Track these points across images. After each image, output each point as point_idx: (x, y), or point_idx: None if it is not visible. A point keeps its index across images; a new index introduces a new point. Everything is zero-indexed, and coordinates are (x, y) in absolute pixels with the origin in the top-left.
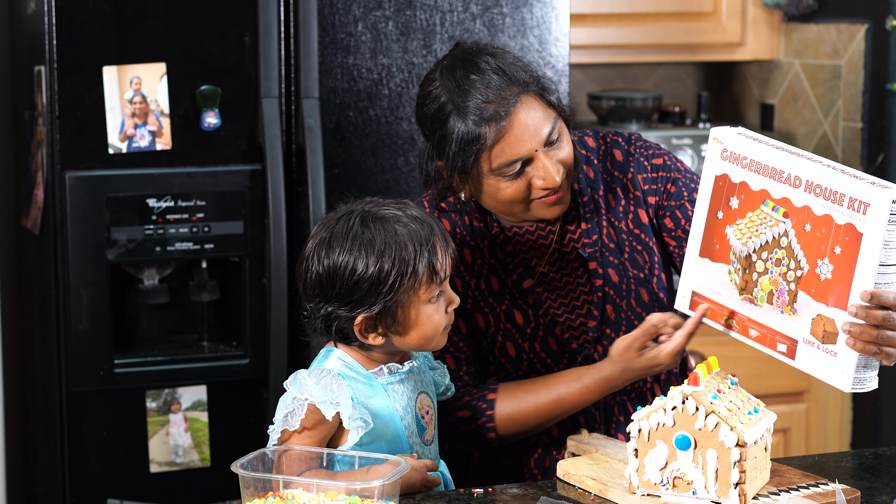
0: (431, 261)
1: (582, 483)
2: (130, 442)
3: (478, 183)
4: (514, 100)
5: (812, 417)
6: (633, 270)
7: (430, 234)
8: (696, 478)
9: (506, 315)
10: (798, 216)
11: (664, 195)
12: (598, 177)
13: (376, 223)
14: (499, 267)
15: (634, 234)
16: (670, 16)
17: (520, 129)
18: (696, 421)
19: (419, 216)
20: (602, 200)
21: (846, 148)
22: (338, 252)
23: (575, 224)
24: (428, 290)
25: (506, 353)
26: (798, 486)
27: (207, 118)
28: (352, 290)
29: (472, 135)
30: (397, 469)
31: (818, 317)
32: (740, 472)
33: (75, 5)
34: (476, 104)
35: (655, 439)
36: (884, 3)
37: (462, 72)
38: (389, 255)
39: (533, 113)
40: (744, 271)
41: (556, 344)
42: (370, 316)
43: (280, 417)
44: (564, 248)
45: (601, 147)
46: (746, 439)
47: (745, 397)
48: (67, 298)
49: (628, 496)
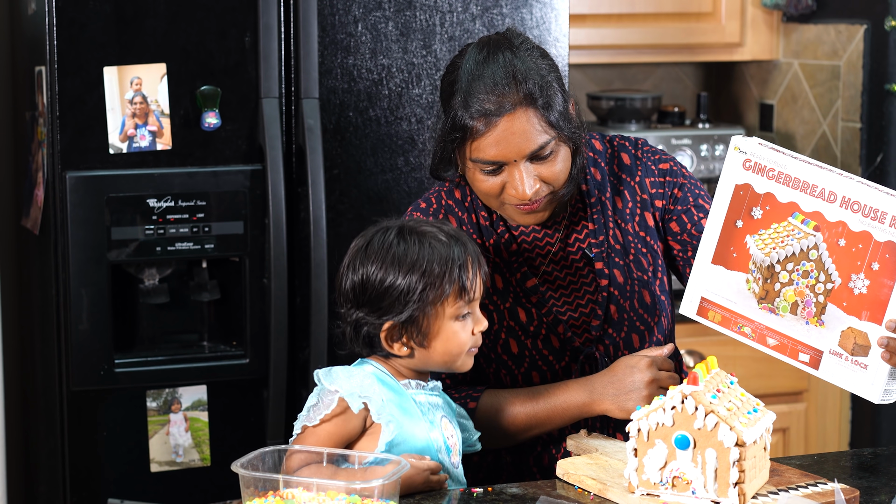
0: (461, 277)
1: (581, 483)
2: (131, 442)
3: (460, 164)
4: (511, 107)
5: (811, 417)
6: (637, 272)
7: (462, 253)
8: (695, 477)
9: (509, 312)
10: (831, 231)
11: (671, 199)
12: (606, 179)
13: (413, 237)
14: (503, 266)
15: (640, 237)
16: (670, 16)
17: (505, 136)
18: (696, 420)
19: (456, 235)
20: (609, 202)
21: (845, 148)
22: (372, 261)
23: (581, 225)
24: (455, 306)
25: (508, 350)
26: (797, 485)
27: (208, 118)
28: (380, 298)
29: (462, 121)
30: (397, 469)
31: (849, 329)
32: (739, 472)
33: (76, 5)
34: (477, 95)
35: (655, 439)
36: (883, 3)
37: (485, 56)
38: (420, 268)
39: (525, 126)
40: (765, 281)
41: (559, 342)
42: (396, 324)
43: (303, 413)
44: (570, 248)
45: (608, 150)
46: (745, 439)
47: (745, 397)
48: (68, 298)
49: (627, 496)
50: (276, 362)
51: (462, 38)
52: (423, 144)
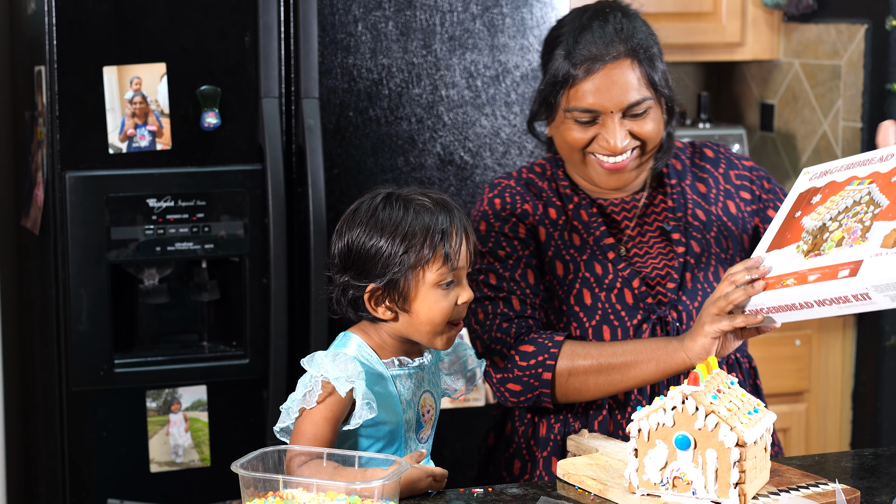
0: (445, 244)
1: (582, 483)
2: (130, 442)
3: (554, 115)
4: (615, 56)
5: (812, 417)
6: (715, 248)
7: (447, 220)
8: (695, 478)
9: (586, 265)
10: (884, 178)
11: (762, 189)
12: (687, 169)
13: (399, 202)
14: (581, 227)
15: (722, 220)
16: (670, 16)
17: (605, 84)
18: (696, 421)
19: (444, 203)
20: (689, 188)
21: (846, 148)
22: (357, 225)
23: (660, 200)
24: (437, 272)
25: (581, 300)
26: (798, 485)
27: (207, 118)
28: (364, 262)
29: (563, 69)
30: (397, 469)
31: (891, 231)
32: (740, 472)
33: (75, 5)
34: (582, 44)
35: (655, 439)
36: (884, 3)
37: (591, 13)
38: (402, 231)
39: (626, 77)
40: (814, 238)
41: (633, 298)
42: (379, 287)
43: (298, 396)
44: (649, 223)
45: (688, 148)
46: (746, 439)
47: (745, 397)
48: (67, 298)
49: (628, 496)
50: (276, 362)
51: (462, 38)
52: (423, 144)
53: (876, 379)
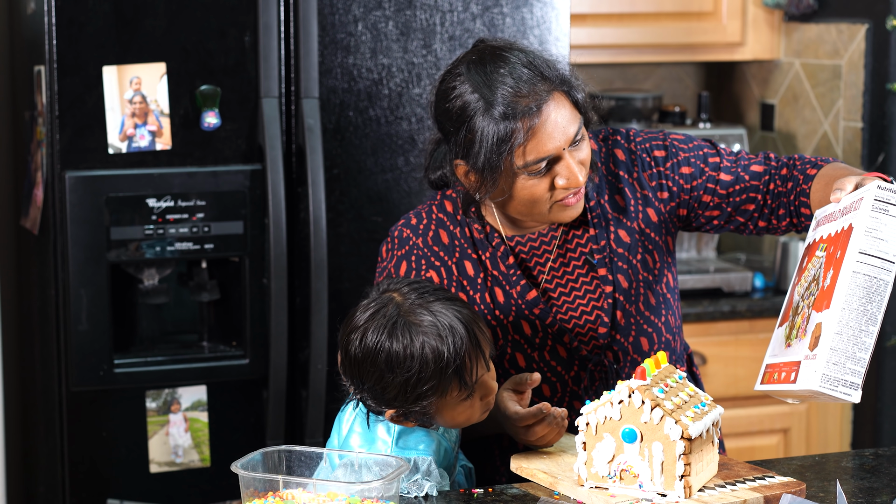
0: (460, 375)
1: (534, 476)
2: (130, 442)
3: (504, 181)
4: (546, 96)
5: (812, 418)
6: (643, 273)
7: (460, 348)
8: (642, 470)
9: (513, 327)
10: (833, 244)
11: (682, 181)
12: (603, 181)
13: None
14: (502, 279)
15: (645, 234)
16: (670, 16)
17: (551, 127)
18: (643, 414)
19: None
20: (608, 205)
21: (846, 148)
22: (366, 366)
23: (582, 229)
24: (459, 395)
25: (515, 364)
26: (745, 478)
27: (207, 118)
28: (381, 393)
29: (504, 131)
30: (397, 469)
31: (816, 326)
32: (685, 465)
33: (75, 5)
34: (507, 99)
35: (603, 432)
36: (884, 3)
37: (491, 66)
38: (414, 370)
39: (562, 111)
40: (791, 321)
41: (566, 352)
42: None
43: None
44: (571, 252)
45: (602, 149)
46: (691, 432)
47: (693, 392)
48: (67, 298)
49: (577, 489)
50: (275, 362)
51: (462, 38)
52: (423, 144)
53: (876, 379)
